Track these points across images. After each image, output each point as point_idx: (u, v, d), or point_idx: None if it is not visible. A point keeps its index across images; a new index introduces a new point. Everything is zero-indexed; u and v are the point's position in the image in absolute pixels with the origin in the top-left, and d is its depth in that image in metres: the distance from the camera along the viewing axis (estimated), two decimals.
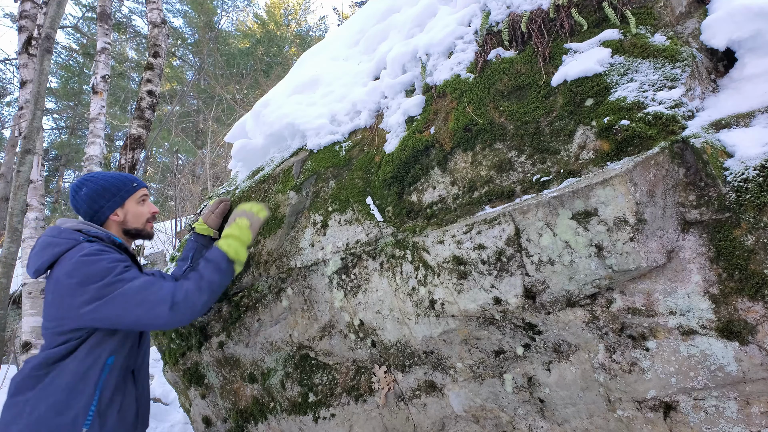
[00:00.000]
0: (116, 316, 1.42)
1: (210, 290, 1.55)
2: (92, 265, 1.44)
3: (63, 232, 1.57)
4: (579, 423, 1.38)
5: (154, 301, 1.43)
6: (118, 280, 1.44)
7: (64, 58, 16.18)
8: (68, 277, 1.43)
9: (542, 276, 1.27)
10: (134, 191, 1.76)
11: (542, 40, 1.53)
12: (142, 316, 1.42)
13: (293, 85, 2.46)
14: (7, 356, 7.13)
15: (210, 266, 1.60)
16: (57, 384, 1.42)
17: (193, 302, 1.48)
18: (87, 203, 1.69)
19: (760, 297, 1.06)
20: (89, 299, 1.41)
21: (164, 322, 1.44)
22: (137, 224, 1.76)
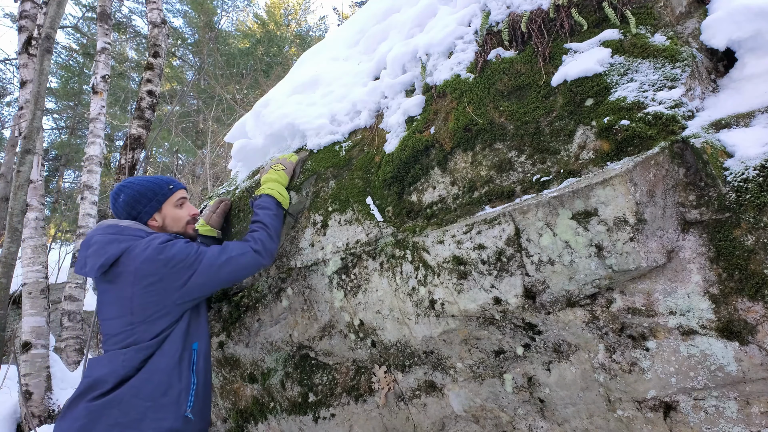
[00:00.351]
0: (208, 284, 1.56)
1: (276, 236, 1.71)
2: (172, 248, 1.53)
3: (125, 229, 1.61)
4: (579, 423, 1.38)
5: (236, 256, 1.59)
6: (198, 256, 1.55)
7: (64, 58, 16.18)
8: (152, 263, 1.49)
9: (542, 276, 1.27)
10: (171, 194, 1.76)
11: (542, 40, 1.53)
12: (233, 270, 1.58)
13: (293, 85, 2.46)
14: (7, 356, 7.13)
15: (269, 214, 1.72)
16: (157, 368, 1.47)
17: (269, 249, 1.66)
18: (126, 210, 1.71)
19: (760, 297, 1.06)
20: (184, 276, 1.51)
21: (257, 263, 1.62)
22: (176, 228, 1.76)
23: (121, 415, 1.38)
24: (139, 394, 1.42)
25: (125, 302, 1.50)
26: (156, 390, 1.44)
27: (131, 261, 1.51)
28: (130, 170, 3.78)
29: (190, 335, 1.58)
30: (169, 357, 1.49)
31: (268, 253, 1.65)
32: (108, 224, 1.64)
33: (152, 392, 1.43)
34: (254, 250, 1.61)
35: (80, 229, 5.93)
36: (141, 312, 1.50)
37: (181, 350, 1.52)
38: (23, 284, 4.68)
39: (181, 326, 1.55)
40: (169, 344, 1.51)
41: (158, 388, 1.45)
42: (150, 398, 1.42)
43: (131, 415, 1.39)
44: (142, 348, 1.48)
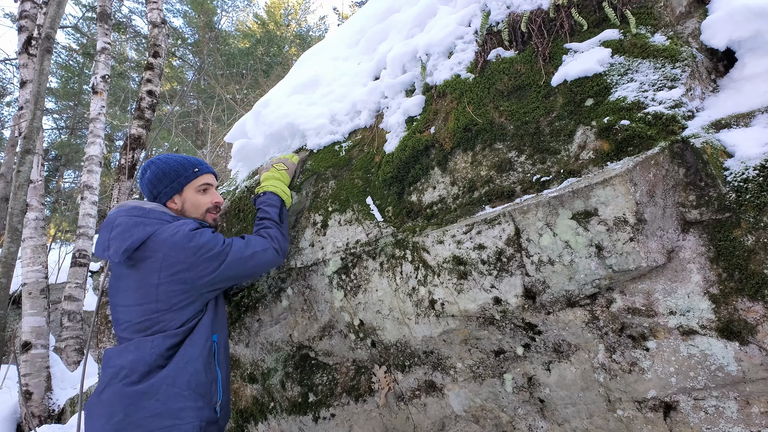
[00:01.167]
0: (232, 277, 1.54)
1: (287, 234, 1.72)
2: (200, 236, 1.48)
3: (150, 212, 1.55)
4: (579, 423, 1.38)
5: (261, 251, 1.57)
6: (225, 248, 1.51)
7: (64, 58, 16.18)
8: (181, 251, 1.45)
9: (542, 276, 1.27)
10: (194, 177, 1.66)
11: (542, 40, 1.53)
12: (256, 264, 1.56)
13: (293, 85, 2.46)
14: (7, 356, 7.13)
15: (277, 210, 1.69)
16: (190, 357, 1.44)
17: (284, 247, 1.66)
18: (148, 188, 1.65)
19: (760, 297, 1.06)
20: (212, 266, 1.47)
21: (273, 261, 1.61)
22: (195, 214, 1.67)
23: (161, 405, 1.34)
24: (175, 383, 1.38)
25: (150, 289, 1.45)
26: (192, 380, 1.41)
27: (158, 246, 1.44)
28: (130, 170, 3.78)
29: (212, 327, 1.54)
30: (199, 347, 1.46)
31: (283, 251, 1.65)
32: (132, 206, 1.57)
33: (188, 382, 1.40)
34: (274, 249, 1.60)
35: (80, 229, 5.93)
36: (167, 300, 1.45)
37: (207, 341, 1.50)
38: (23, 284, 4.68)
39: (207, 316, 1.52)
40: (198, 335, 1.47)
41: (193, 377, 1.42)
42: (187, 387, 1.39)
43: (171, 404, 1.35)
44: (170, 336, 1.44)
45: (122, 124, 14.80)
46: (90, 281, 8.53)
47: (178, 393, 1.37)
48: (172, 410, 1.34)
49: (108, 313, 3.43)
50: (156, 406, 1.33)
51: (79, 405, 3.21)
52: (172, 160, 1.66)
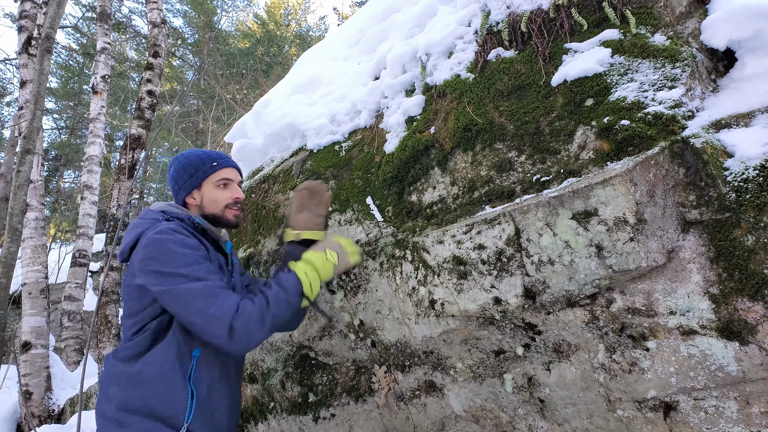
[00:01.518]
0: (174, 313, 1.29)
1: (272, 325, 1.31)
2: (161, 245, 1.31)
3: (148, 212, 1.49)
4: (579, 423, 1.38)
5: (212, 316, 1.24)
6: (183, 273, 1.27)
7: (64, 58, 16.18)
8: (136, 254, 1.35)
9: (542, 276, 1.27)
10: (212, 172, 1.56)
11: (542, 40, 1.53)
12: (198, 326, 1.26)
13: (293, 85, 2.46)
14: (7, 356, 7.13)
15: (281, 296, 1.35)
16: (147, 375, 1.29)
17: (250, 335, 1.26)
18: (171, 184, 1.59)
19: (760, 297, 1.06)
20: (151, 282, 1.29)
21: (221, 344, 1.26)
22: (213, 210, 1.55)
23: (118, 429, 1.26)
24: (131, 407, 1.26)
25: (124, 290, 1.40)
26: (149, 403, 1.26)
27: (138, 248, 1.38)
28: (129, 170, 3.78)
29: (186, 339, 1.35)
30: (159, 364, 1.30)
31: (244, 338, 1.26)
32: (146, 209, 1.54)
33: (145, 406, 1.26)
34: (230, 327, 1.24)
35: (80, 229, 5.93)
36: (127, 302, 1.37)
37: (175, 356, 1.31)
38: (23, 284, 4.69)
39: (174, 328, 1.34)
40: (160, 350, 1.31)
41: (151, 401, 1.27)
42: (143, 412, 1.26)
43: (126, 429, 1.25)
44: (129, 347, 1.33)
45: (122, 124, 14.80)
46: (90, 281, 8.53)
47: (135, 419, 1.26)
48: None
49: (108, 313, 3.43)
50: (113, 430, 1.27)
51: (79, 405, 3.20)
52: (192, 155, 1.59)
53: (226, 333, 1.23)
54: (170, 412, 1.27)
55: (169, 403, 1.27)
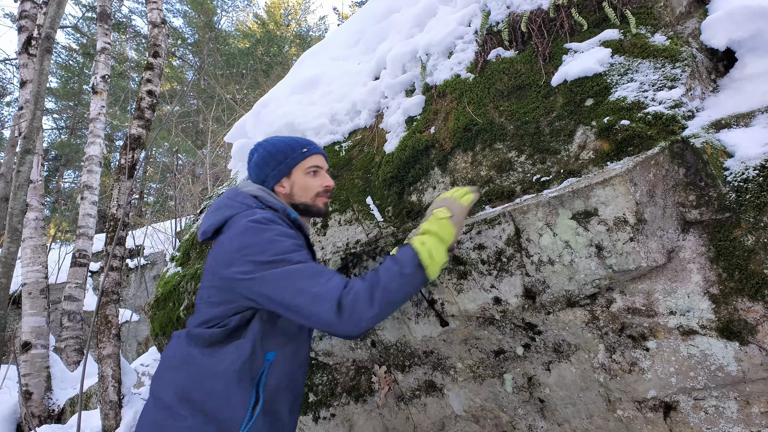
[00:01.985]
0: (272, 299, 1.19)
1: (384, 302, 1.16)
2: (258, 233, 1.24)
3: (239, 195, 1.42)
4: (579, 423, 1.38)
5: (317, 294, 1.15)
6: (282, 258, 1.20)
7: (64, 58, 16.18)
8: (230, 242, 1.26)
9: (542, 276, 1.27)
10: (302, 159, 1.48)
11: (542, 40, 1.53)
12: (303, 308, 1.16)
13: (293, 85, 2.46)
14: (7, 356, 7.13)
15: (393, 269, 1.20)
16: (212, 370, 1.22)
17: (359, 313, 1.14)
18: (255, 172, 1.51)
19: (760, 297, 1.06)
20: (246, 270, 1.20)
21: (329, 325, 1.14)
22: (304, 198, 1.48)
23: (170, 418, 1.18)
24: (188, 399, 1.19)
25: (205, 272, 1.33)
26: (208, 401, 1.19)
27: (226, 231, 1.31)
28: (129, 170, 3.78)
29: (263, 341, 1.27)
30: (230, 362, 1.22)
31: (353, 318, 1.13)
32: (233, 188, 1.48)
33: (204, 402, 1.19)
34: (338, 305, 1.13)
35: (80, 229, 5.93)
36: (208, 289, 1.30)
37: (246, 357, 1.23)
38: (23, 284, 4.68)
39: (252, 326, 1.26)
40: (233, 347, 1.24)
41: (211, 399, 1.20)
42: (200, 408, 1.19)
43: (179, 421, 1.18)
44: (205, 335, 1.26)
45: (122, 124, 14.80)
46: (90, 281, 8.53)
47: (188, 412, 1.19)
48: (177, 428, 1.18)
49: (108, 313, 3.43)
50: (164, 417, 1.20)
51: (79, 405, 3.21)
52: (280, 142, 1.52)
53: (334, 312, 1.13)
54: (226, 415, 1.19)
55: (229, 406, 1.20)
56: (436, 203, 1.34)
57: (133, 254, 9.38)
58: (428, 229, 1.27)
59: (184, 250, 2.60)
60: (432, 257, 1.22)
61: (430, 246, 1.23)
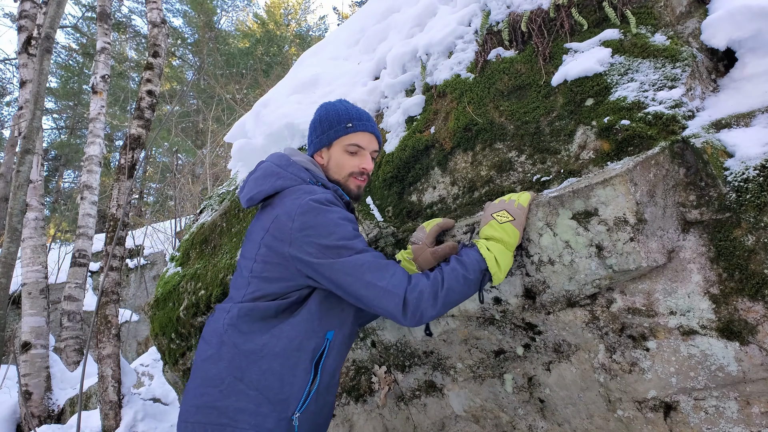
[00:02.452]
0: (339, 286, 1.18)
1: (445, 302, 1.17)
2: (320, 215, 1.19)
3: (291, 165, 1.34)
4: (579, 423, 1.38)
5: (384, 289, 1.15)
6: (345, 245, 1.18)
7: (63, 58, 16.18)
8: (289, 219, 1.20)
9: (542, 276, 1.27)
10: (344, 134, 1.39)
11: (542, 39, 1.53)
12: (369, 300, 1.16)
13: (293, 85, 2.46)
14: (6, 356, 7.13)
15: (458, 272, 1.19)
16: (271, 350, 1.18)
17: (421, 310, 1.14)
18: (309, 131, 1.46)
19: (761, 297, 1.06)
20: (310, 252, 1.18)
21: (393, 315, 1.15)
22: (337, 176, 1.41)
23: (221, 398, 1.15)
24: (243, 377, 1.16)
25: (255, 245, 1.27)
26: (262, 379, 1.16)
27: (279, 204, 1.25)
28: (129, 170, 3.78)
29: (323, 319, 1.24)
30: (288, 340, 1.19)
31: (416, 313, 1.14)
32: (281, 154, 1.39)
33: (258, 381, 1.16)
34: (404, 300, 1.14)
35: (80, 229, 5.93)
36: (261, 264, 1.24)
37: (306, 335, 1.21)
38: (23, 284, 4.68)
39: (310, 307, 1.23)
40: (289, 326, 1.20)
41: (265, 377, 1.16)
42: (254, 387, 1.16)
43: (230, 400, 1.14)
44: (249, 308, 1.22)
45: (122, 124, 14.80)
46: (90, 281, 8.53)
47: (242, 390, 1.15)
48: (230, 408, 1.14)
49: (108, 313, 3.43)
50: (216, 397, 1.15)
51: (78, 405, 3.20)
52: (333, 109, 1.42)
53: (400, 307, 1.14)
54: (283, 395, 1.17)
55: (286, 386, 1.17)
56: (492, 206, 1.30)
57: (132, 254, 9.38)
58: (491, 234, 1.24)
59: (184, 250, 2.60)
60: (498, 264, 1.21)
61: (496, 252, 1.21)
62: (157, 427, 3.47)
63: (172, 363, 2.48)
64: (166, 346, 2.48)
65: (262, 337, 1.19)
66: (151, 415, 3.51)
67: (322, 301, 1.25)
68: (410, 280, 1.18)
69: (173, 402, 3.99)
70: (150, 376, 4.53)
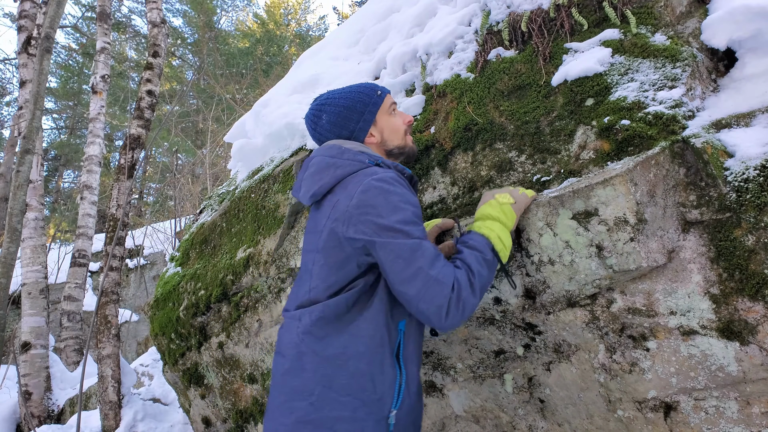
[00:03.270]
0: (389, 270, 1.11)
1: (480, 289, 1.12)
2: (381, 195, 1.15)
3: (345, 152, 1.30)
4: (579, 423, 1.38)
5: (435, 278, 1.07)
6: (402, 229, 1.11)
7: (63, 58, 16.18)
8: (348, 199, 1.17)
9: (542, 276, 1.27)
10: (382, 101, 1.39)
11: (542, 39, 1.53)
12: (416, 290, 1.08)
13: (293, 85, 2.46)
14: (6, 356, 7.13)
15: (475, 254, 1.15)
16: (354, 351, 1.13)
17: (463, 300, 1.08)
18: (334, 131, 1.38)
19: (761, 297, 1.06)
20: (365, 231, 1.13)
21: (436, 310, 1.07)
22: (397, 140, 1.40)
23: (313, 411, 1.09)
24: (332, 384, 1.11)
25: (316, 235, 1.24)
26: (353, 382, 1.11)
27: (341, 191, 1.21)
28: (129, 170, 3.78)
29: (393, 309, 1.19)
30: (368, 338, 1.14)
31: (459, 306, 1.07)
32: (330, 145, 1.35)
33: (348, 385, 1.11)
34: (451, 292, 1.07)
35: (80, 229, 5.93)
36: (324, 251, 1.20)
37: (383, 329, 1.16)
38: (23, 284, 4.68)
39: (380, 293, 1.17)
40: (364, 322, 1.15)
41: (355, 380, 1.11)
42: (346, 391, 1.10)
43: (325, 411, 1.09)
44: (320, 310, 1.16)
45: (122, 124, 14.80)
46: (90, 281, 8.53)
47: (334, 398, 1.10)
48: (325, 419, 1.08)
49: (108, 313, 3.43)
50: (308, 411, 1.10)
51: (78, 405, 3.21)
52: (348, 92, 1.40)
53: (446, 301, 1.06)
54: (376, 395, 1.12)
55: (378, 385, 1.13)
56: (495, 190, 1.31)
57: (132, 254, 9.38)
58: (490, 214, 1.22)
59: (184, 250, 2.60)
60: (503, 242, 1.18)
61: (498, 231, 1.19)
62: (157, 427, 3.47)
63: (172, 363, 2.48)
64: (165, 346, 2.48)
65: (340, 339, 1.14)
66: (151, 415, 3.51)
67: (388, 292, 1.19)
68: (458, 273, 1.11)
69: (173, 402, 3.99)
70: (150, 376, 4.53)
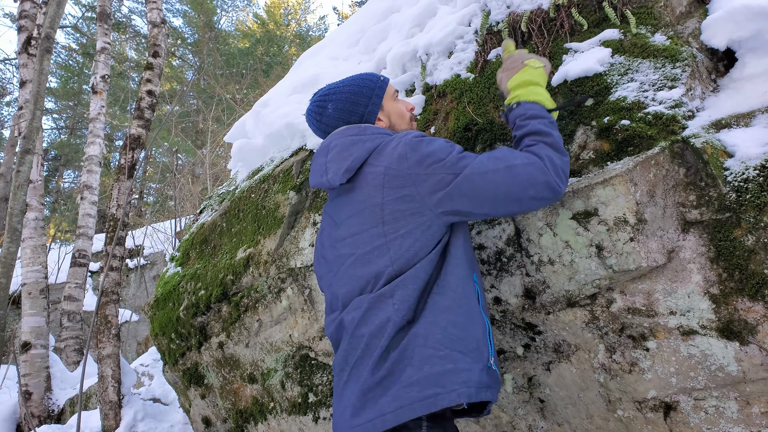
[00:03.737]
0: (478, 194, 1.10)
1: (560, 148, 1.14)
2: (430, 143, 1.16)
3: (368, 128, 1.30)
4: (579, 423, 1.38)
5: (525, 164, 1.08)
6: (466, 155, 1.13)
7: (63, 58, 16.18)
8: (403, 160, 1.15)
9: (542, 276, 1.27)
10: (386, 86, 1.41)
11: (542, 39, 1.53)
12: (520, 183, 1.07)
13: (293, 85, 2.46)
14: (6, 356, 7.13)
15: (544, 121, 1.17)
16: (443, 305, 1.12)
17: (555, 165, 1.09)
18: (342, 119, 1.37)
19: (761, 297, 1.06)
20: (440, 180, 1.12)
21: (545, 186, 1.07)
22: (404, 125, 1.41)
23: (416, 372, 1.05)
24: (427, 342, 1.08)
25: (375, 210, 1.18)
26: (447, 335, 1.09)
27: (380, 161, 1.19)
28: (129, 170, 3.78)
29: (469, 264, 1.19)
30: (451, 293, 1.13)
31: (558, 169, 1.08)
32: (345, 127, 1.35)
33: (443, 338, 1.09)
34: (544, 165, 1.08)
35: (80, 229, 5.93)
36: (393, 222, 1.16)
37: (461, 283, 1.16)
38: (23, 284, 4.68)
39: (456, 249, 1.18)
40: (448, 277, 1.14)
41: (449, 331, 1.10)
42: (443, 345, 1.08)
43: (427, 369, 1.06)
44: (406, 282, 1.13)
45: (122, 124, 14.80)
46: (90, 281, 8.53)
47: (431, 354, 1.07)
48: (431, 376, 1.05)
49: (108, 313, 3.43)
50: (411, 374, 1.06)
51: (78, 405, 3.21)
52: (352, 81, 1.40)
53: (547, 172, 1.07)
54: (474, 344, 1.11)
55: (472, 333, 1.12)
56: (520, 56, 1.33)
57: (132, 254, 9.38)
58: (529, 79, 1.26)
59: (184, 250, 2.60)
60: (549, 100, 1.23)
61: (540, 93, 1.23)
62: (157, 427, 3.47)
63: (172, 363, 2.49)
64: (165, 346, 2.48)
65: (434, 299, 1.13)
66: (151, 415, 3.51)
67: (464, 241, 1.21)
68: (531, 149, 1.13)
69: (173, 402, 3.99)
70: (150, 376, 4.53)
